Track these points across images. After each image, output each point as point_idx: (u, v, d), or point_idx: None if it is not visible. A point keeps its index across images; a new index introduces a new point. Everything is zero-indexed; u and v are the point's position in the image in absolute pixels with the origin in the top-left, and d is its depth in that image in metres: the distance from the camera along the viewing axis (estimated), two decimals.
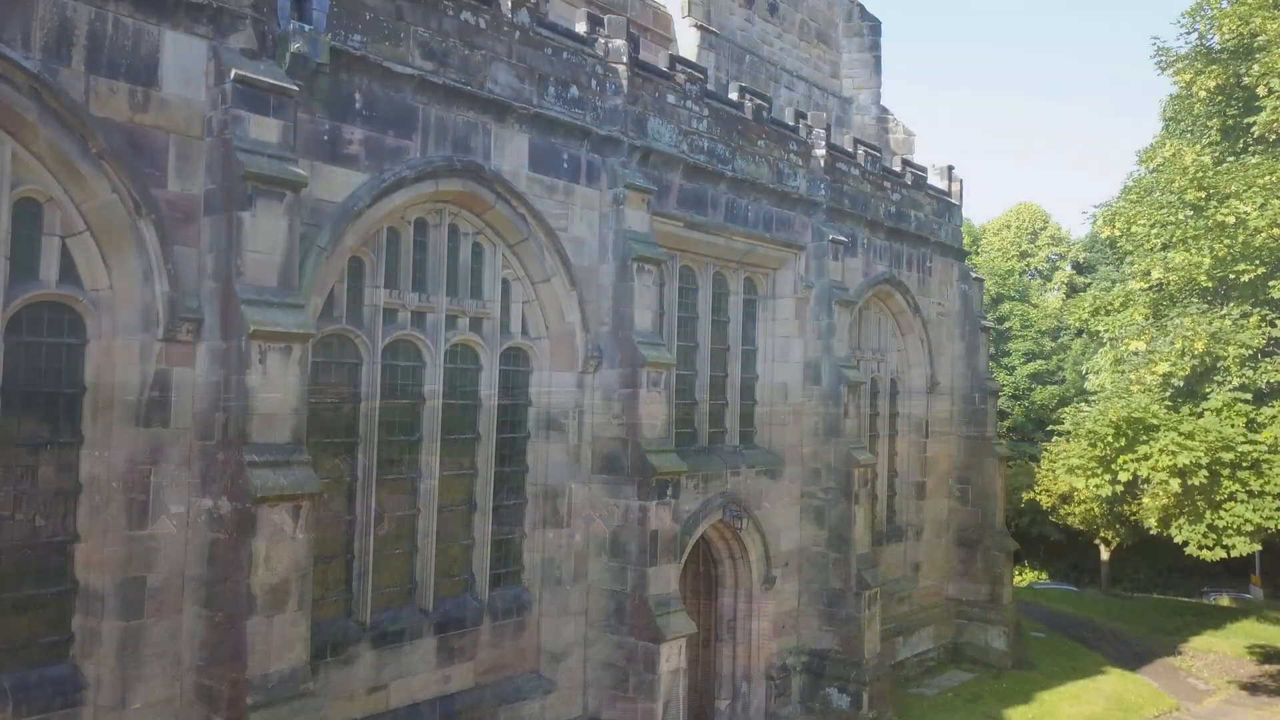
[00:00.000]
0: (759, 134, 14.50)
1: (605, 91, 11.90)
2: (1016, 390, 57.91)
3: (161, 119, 7.83)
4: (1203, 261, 15.15)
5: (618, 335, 11.55)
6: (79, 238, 7.64)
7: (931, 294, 19.12)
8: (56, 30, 7.23)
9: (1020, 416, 57.02)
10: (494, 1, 10.60)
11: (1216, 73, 16.19)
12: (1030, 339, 59.47)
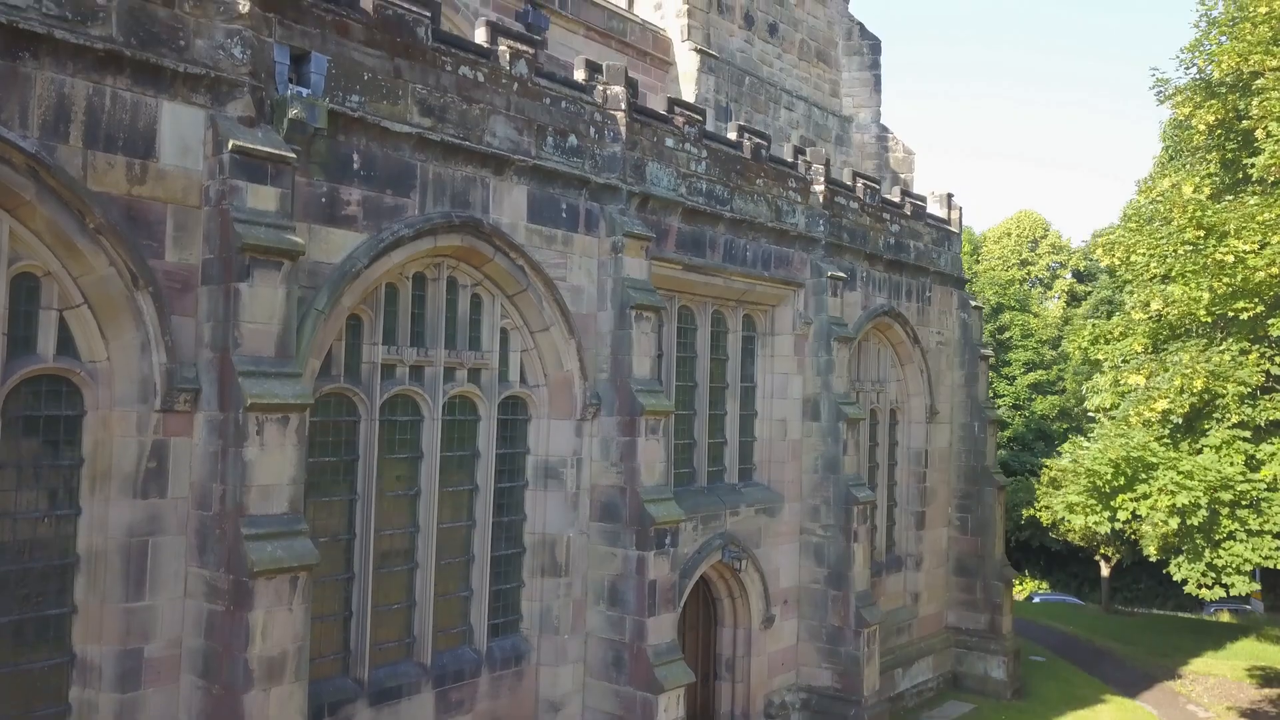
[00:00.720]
0: (758, 172, 14.51)
1: (604, 139, 11.91)
2: (1017, 400, 57.97)
3: (159, 190, 7.84)
4: (1201, 296, 15.14)
5: (616, 383, 11.56)
6: (77, 311, 7.66)
7: (931, 323, 19.14)
8: (55, 107, 7.24)
9: (1020, 426, 57.06)
10: (492, 54, 10.61)
11: (1215, 108, 16.18)
12: (1031, 349, 59.48)
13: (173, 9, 7.89)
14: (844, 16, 30.63)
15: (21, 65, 7.07)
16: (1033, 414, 57.13)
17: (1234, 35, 15.58)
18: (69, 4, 7.31)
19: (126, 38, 7.60)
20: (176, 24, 7.92)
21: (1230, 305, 14.87)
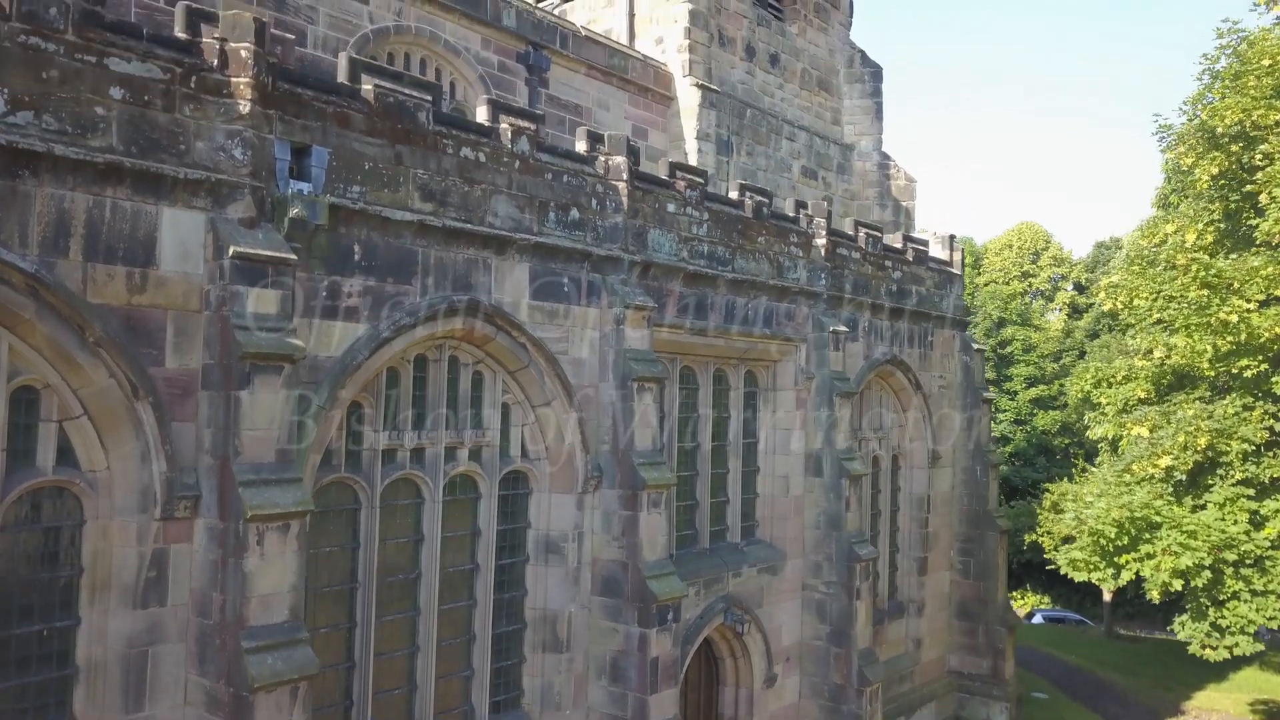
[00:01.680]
0: (759, 231, 14.48)
1: (606, 210, 11.87)
2: (1019, 415, 57.90)
3: (159, 297, 7.80)
4: (1205, 350, 15.11)
5: (618, 455, 11.52)
6: (76, 422, 7.62)
7: (933, 367, 19.10)
8: (54, 223, 7.21)
9: (1022, 442, 56.99)
10: (494, 132, 10.58)
11: (1219, 159, 16.12)
12: (1032, 363, 59.43)
13: (173, 113, 7.86)
14: (845, 44, 30.63)
15: (21, 184, 7.03)
16: (1034, 429, 57.09)
17: (1237, 89, 15.54)
18: (69, 118, 7.28)
19: (127, 146, 7.57)
20: (177, 128, 7.88)
21: (1234, 363, 14.85)
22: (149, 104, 7.71)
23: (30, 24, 7.08)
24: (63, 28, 7.24)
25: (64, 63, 7.25)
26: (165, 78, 7.80)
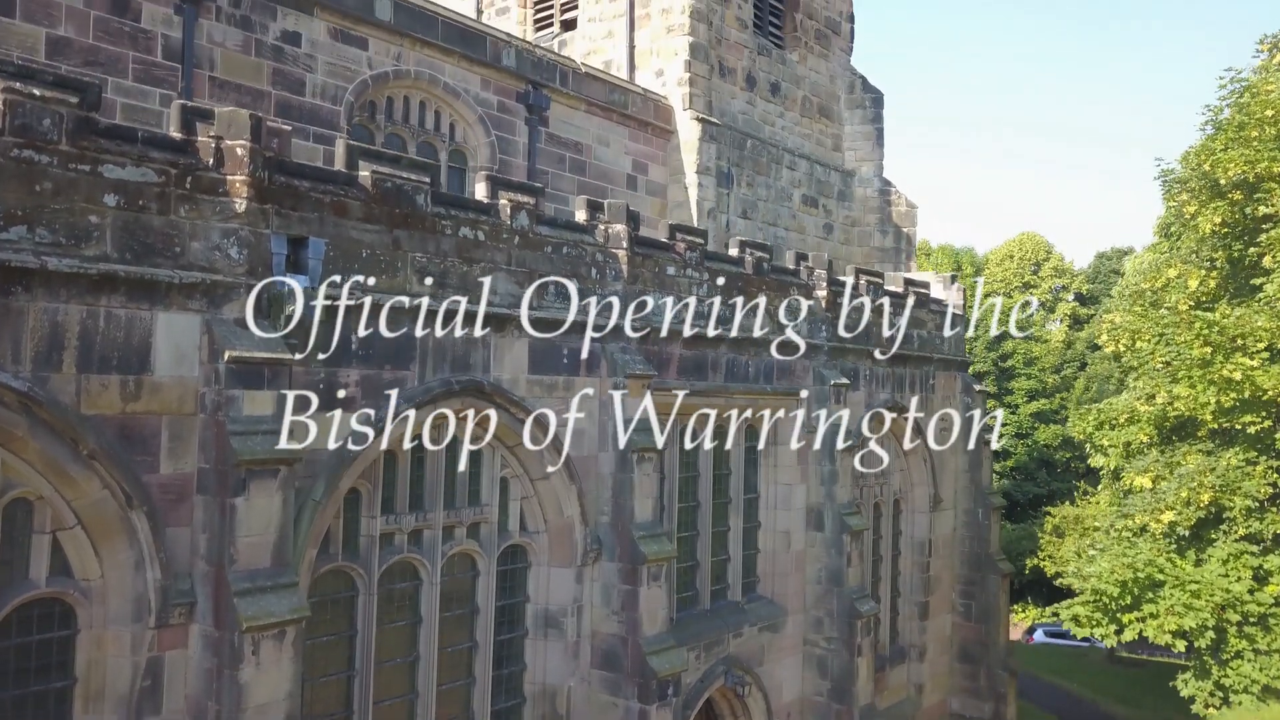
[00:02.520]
0: (759, 287, 14.40)
1: (605, 278, 11.79)
2: (1020, 429, 57.83)
3: (154, 403, 7.73)
4: (1208, 402, 15.02)
5: (617, 528, 11.44)
6: (70, 532, 7.55)
7: (934, 410, 19.02)
8: (47, 338, 7.14)
9: (1024, 456, 56.93)
10: (493, 209, 10.50)
11: (1222, 209, 16.04)
12: (1034, 377, 59.34)
13: (168, 215, 7.79)
14: (846, 70, 30.57)
15: (14, 300, 6.96)
16: (1035, 443, 57.02)
17: (1240, 141, 15.45)
18: (62, 229, 7.21)
19: (121, 253, 7.50)
20: (172, 230, 7.81)
21: (1237, 418, 14.76)
22: (144, 208, 7.64)
23: (24, 137, 7.01)
24: (56, 138, 7.17)
25: (57, 174, 7.17)
26: (160, 180, 7.73)
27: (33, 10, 13.27)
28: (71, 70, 13.58)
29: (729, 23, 25.95)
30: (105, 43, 13.95)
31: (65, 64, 13.52)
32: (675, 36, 24.12)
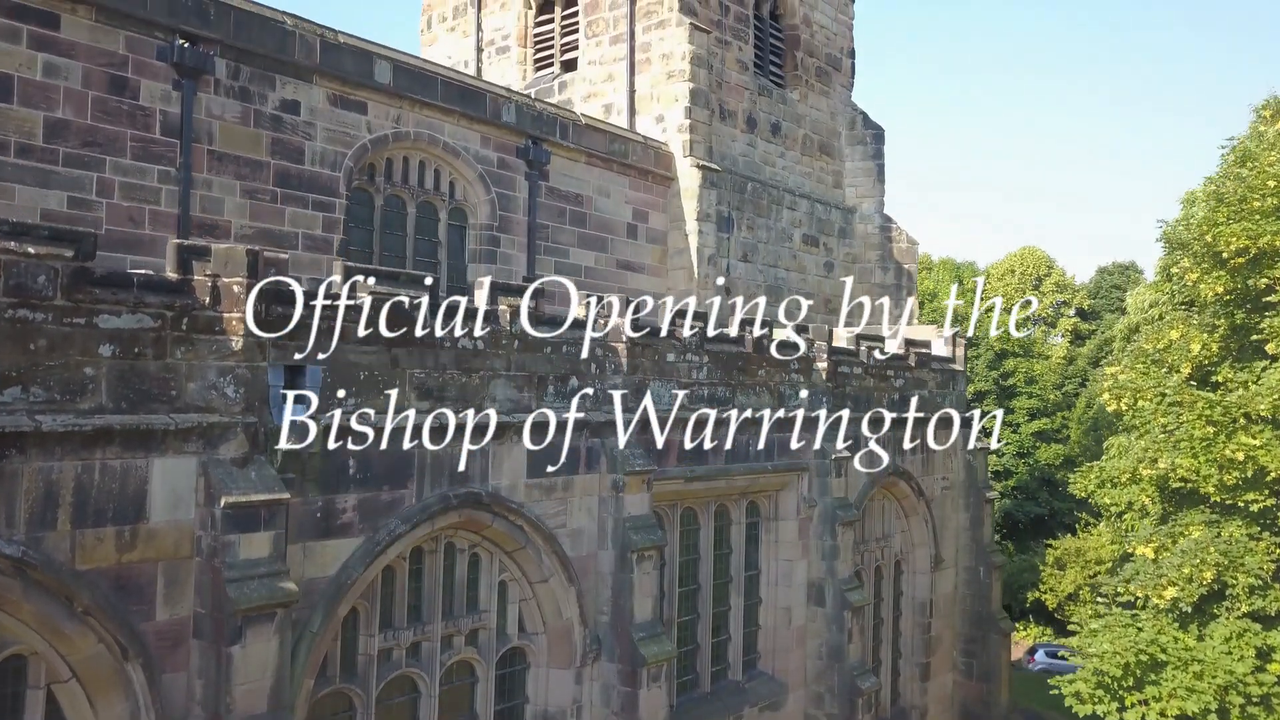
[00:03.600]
0: (760, 363, 14.34)
1: (605, 372, 11.74)
2: (1021, 448, 57.75)
3: (150, 550, 7.68)
4: (1211, 475, 14.95)
5: (617, 628, 11.39)
6: (65, 685, 7.50)
7: (935, 470, 18.97)
8: (42, 499, 7.08)
9: (1025, 475, 56.85)
10: (493, 315, 10.45)
11: (1224, 279, 15.96)
12: (1035, 395, 59.24)
13: (164, 359, 7.74)
14: (847, 106, 30.54)
15: (8, 464, 6.91)
16: (1037, 462, 56.94)
17: (1241, 214, 15.37)
18: (57, 385, 7.16)
19: (116, 403, 7.44)
20: (168, 374, 7.76)
21: (1240, 496, 14.70)
22: (139, 355, 7.59)
23: (18, 297, 6.96)
24: (51, 294, 7.12)
25: (52, 330, 7.13)
26: (156, 325, 7.68)
27: (30, 95, 13.24)
28: (70, 151, 13.58)
29: (729, 65, 25.93)
30: (103, 122, 13.92)
31: (64, 146, 13.52)
32: (676, 83, 24.11)
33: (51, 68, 13.38)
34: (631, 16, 24.93)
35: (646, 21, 24.73)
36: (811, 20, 29.29)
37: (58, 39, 13.44)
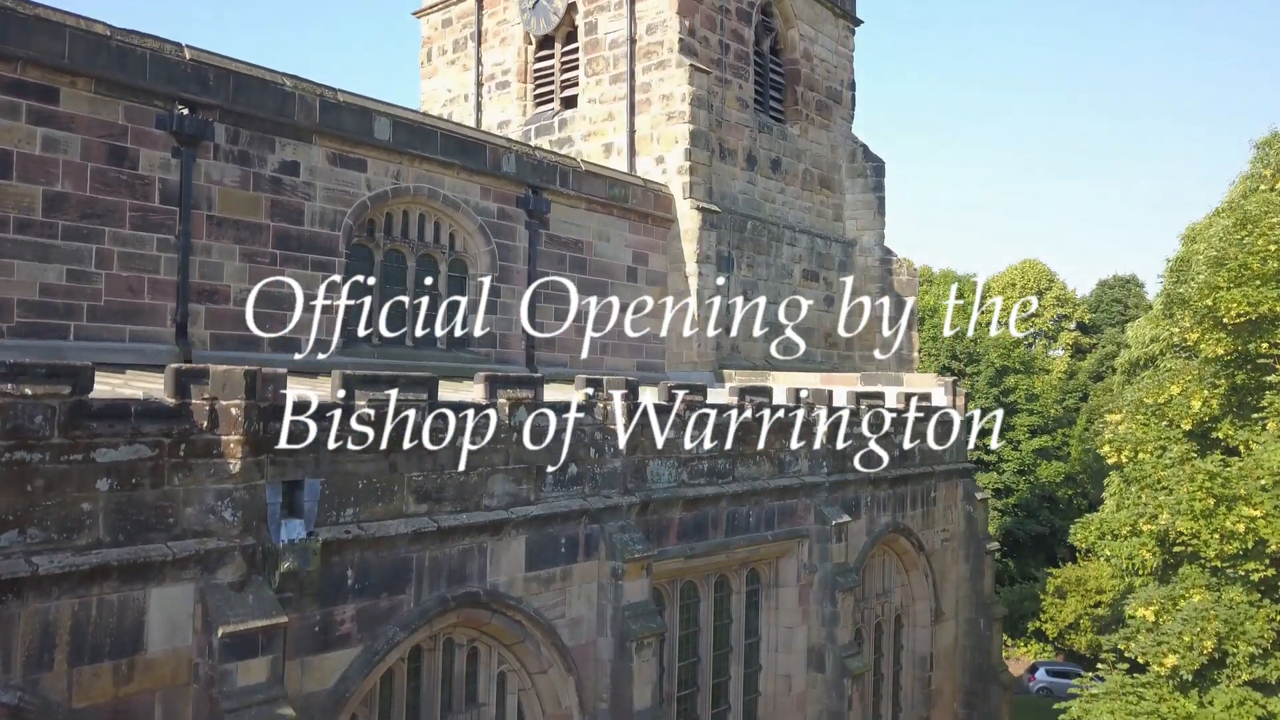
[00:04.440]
0: (759, 433, 14.32)
1: (604, 454, 11.72)
2: (1022, 465, 57.76)
3: (147, 681, 7.66)
4: (1211, 540, 14.92)
5: (616, 715, 11.37)
6: None
7: (936, 523, 18.95)
8: (38, 640, 7.07)
9: (1026, 493, 56.86)
10: (491, 408, 10.42)
11: (1225, 342, 15.92)
12: (1036, 412, 59.23)
13: (162, 487, 7.72)
14: (847, 139, 30.57)
15: (5, 609, 6.89)
16: (1038, 479, 56.94)
17: (1241, 279, 15.34)
18: (54, 524, 7.14)
19: (114, 536, 7.43)
20: (165, 501, 7.74)
21: (1241, 566, 14.66)
22: (137, 485, 7.57)
23: (16, 438, 6.94)
24: (49, 433, 7.11)
25: (49, 469, 7.11)
26: (154, 454, 7.66)
27: (29, 170, 13.24)
28: (69, 224, 13.56)
29: (729, 104, 25.94)
30: (103, 193, 13.92)
31: (63, 219, 13.51)
32: (676, 124, 24.12)
33: (51, 141, 13.37)
34: (631, 56, 24.94)
35: (646, 62, 24.75)
36: (812, 54, 29.30)
37: (57, 113, 13.43)
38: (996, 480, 55.80)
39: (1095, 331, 73.68)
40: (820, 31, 29.45)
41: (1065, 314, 73.00)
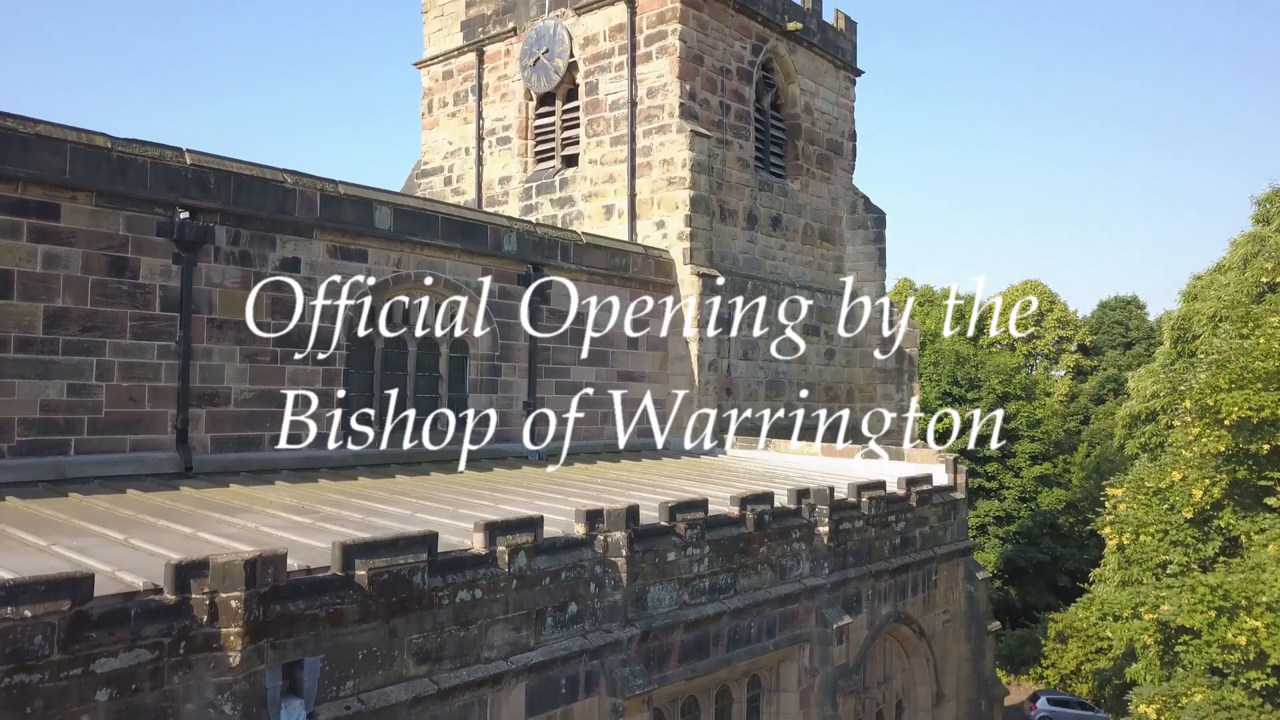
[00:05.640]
0: (761, 541, 14.31)
1: (605, 589, 11.70)
2: (1024, 493, 57.76)
3: None
4: (1214, 645, 14.95)
5: None
6: None
7: (937, 605, 18.93)
8: None
9: (1028, 520, 56.83)
10: (491, 558, 10.40)
11: (1226, 439, 15.95)
12: (1038, 439, 59.20)
13: (161, 688, 7.69)
14: (848, 190, 30.64)
15: None
16: (1039, 507, 56.94)
17: (1243, 381, 15.37)
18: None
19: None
20: (165, 702, 7.72)
21: (1242, 675, 14.68)
22: (137, 690, 7.55)
23: (16, 662, 6.92)
24: (49, 651, 7.08)
25: (49, 688, 7.09)
26: (154, 656, 7.64)
27: (30, 288, 13.27)
28: (70, 339, 13.58)
29: (729, 164, 25.98)
30: (103, 305, 13.95)
31: (63, 335, 13.52)
32: (676, 190, 24.16)
33: (52, 258, 13.40)
34: (632, 119, 24.99)
35: (647, 125, 24.79)
36: (813, 108, 29.34)
37: (58, 229, 13.46)
38: (998, 508, 55.81)
39: (1096, 353, 73.71)
40: (821, 84, 29.48)
41: (1066, 336, 73.04)
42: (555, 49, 26.19)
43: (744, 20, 26.01)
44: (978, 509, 54.33)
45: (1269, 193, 25.93)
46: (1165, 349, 26.27)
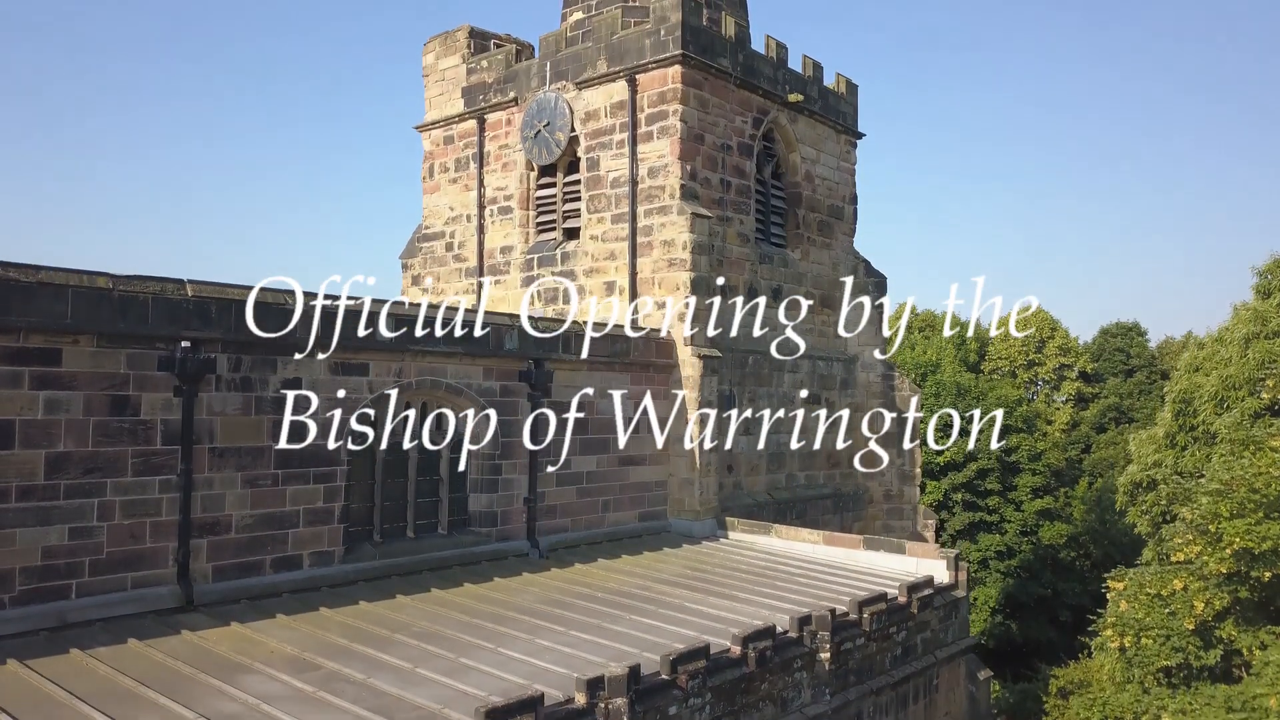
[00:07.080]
0: (762, 678, 14.29)
1: None
2: (1025, 526, 57.76)
3: None
4: None
5: None
6: None
7: (938, 710, 18.92)
8: None
9: (1029, 554, 56.85)
10: None
11: (1228, 562, 15.96)
12: (1040, 472, 59.22)
13: None
14: (849, 254, 30.64)
15: None
16: (1040, 541, 56.96)
17: (1244, 510, 15.39)
18: None
19: None
20: None
21: None
22: None
23: None
24: None
25: None
26: None
27: (32, 435, 13.26)
28: (71, 483, 13.57)
29: (730, 240, 26.00)
30: (104, 445, 13.94)
31: (64, 479, 13.52)
32: (677, 271, 24.18)
33: (53, 403, 13.39)
34: (633, 198, 25.03)
35: (648, 205, 24.81)
36: (814, 175, 29.36)
37: (59, 373, 13.45)
38: (999, 542, 55.77)
39: (1098, 380, 73.67)
40: (822, 150, 29.50)
41: (1068, 363, 72.99)
42: (556, 122, 26.19)
43: (745, 94, 25.97)
44: (979, 543, 54.35)
45: (1270, 263, 25.97)
46: (1167, 420, 26.29)
